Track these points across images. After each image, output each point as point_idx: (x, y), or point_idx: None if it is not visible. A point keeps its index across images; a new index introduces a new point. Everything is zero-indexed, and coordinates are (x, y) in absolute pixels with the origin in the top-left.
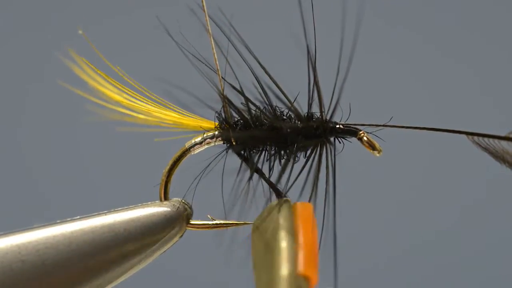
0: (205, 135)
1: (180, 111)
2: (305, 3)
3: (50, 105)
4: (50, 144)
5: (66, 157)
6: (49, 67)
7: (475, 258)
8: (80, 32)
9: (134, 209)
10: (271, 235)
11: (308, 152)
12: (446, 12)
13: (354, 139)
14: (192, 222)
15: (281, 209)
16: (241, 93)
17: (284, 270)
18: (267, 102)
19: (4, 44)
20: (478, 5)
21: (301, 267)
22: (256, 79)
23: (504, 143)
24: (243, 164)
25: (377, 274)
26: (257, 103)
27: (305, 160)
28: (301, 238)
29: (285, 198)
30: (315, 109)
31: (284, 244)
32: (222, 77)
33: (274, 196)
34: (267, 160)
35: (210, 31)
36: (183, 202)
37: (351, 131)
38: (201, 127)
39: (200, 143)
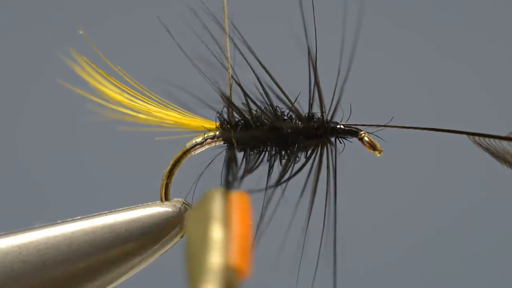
0: (206, 136)
1: (181, 111)
2: (306, 3)
3: (50, 104)
4: (50, 144)
5: (66, 157)
6: (49, 67)
7: (475, 258)
8: (81, 32)
9: (135, 209)
10: (204, 224)
11: (309, 152)
12: (446, 12)
13: (355, 139)
14: None
15: (216, 198)
16: (246, 94)
17: (214, 260)
18: (268, 102)
19: (4, 44)
20: (478, 5)
21: (232, 259)
22: (257, 79)
23: (504, 143)
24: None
25: (377, 274)
26: (258, 103)
27: (305, 160)
28: (234, 229)
29: (222, 188)
30: (316, 110)
31: (216, 234)
32: (232, 76)
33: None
34: (267, 160)
35: (227, 34)
36: (184, 202)
37: (352, 131)
38: (203, 127)
39: (201, 143)
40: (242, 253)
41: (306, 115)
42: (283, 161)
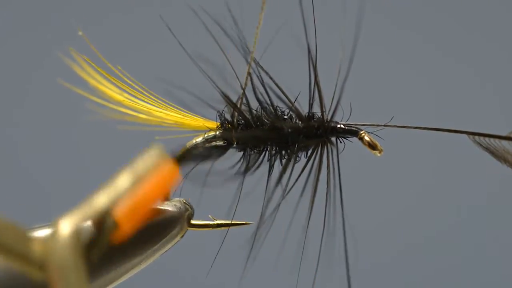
0: (206, 135)
1: (182, 111)
2: (305, 2)
3: (50, 104)
4: (50, 144)
5: (66, 157)
6: (49, 67)
7: (475, 258)
8: (80, 33)
9: None
10: (123, 169)
11: (309, 152)
12: (446, 12)
13: (355, 139)
14: (193, 222)
15: (150, 155)
16: (258, 99)
17: (99, 199)
18: (268, 102)
19: (4, 43)
20: (478, 5)
21: (118, 211)
22: (258, 78)
23: (504, 143)
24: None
25: (377, 274)
26: (260, 103)
27: (306, 160)
28: (140, 190)
29: (165, 152)
30: (316, 109)
31: (120, 181)
32: (250, 77)
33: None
34: (268, 160)
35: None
36: (184, 202)
37: (352, 131)
38: (206, 126)
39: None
40: (131, 212)
41: (306, 114)
42: (283, 160)
